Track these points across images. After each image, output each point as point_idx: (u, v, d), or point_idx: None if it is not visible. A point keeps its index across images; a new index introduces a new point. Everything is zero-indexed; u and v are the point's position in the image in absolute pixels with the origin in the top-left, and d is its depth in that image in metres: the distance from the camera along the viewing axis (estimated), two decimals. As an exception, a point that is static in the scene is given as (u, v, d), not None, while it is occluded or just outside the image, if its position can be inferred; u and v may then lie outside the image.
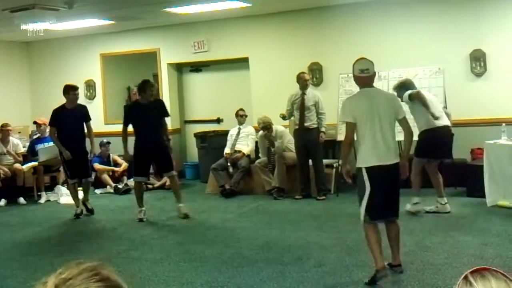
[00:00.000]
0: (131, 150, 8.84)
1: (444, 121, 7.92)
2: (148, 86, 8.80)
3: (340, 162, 6.11)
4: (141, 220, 8.59)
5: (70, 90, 9.04)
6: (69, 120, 8.90)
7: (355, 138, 5.73)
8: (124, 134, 8.81)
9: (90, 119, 9.22)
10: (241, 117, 10.91)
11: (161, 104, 9.10)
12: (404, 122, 5.68)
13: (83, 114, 9.14)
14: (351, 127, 5.55)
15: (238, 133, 10.81)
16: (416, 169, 7.98)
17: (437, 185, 8.05)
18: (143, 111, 8.62)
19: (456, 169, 9.06)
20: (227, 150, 10.69)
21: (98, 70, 12.87)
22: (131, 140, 8.77)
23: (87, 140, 9.25)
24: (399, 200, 5.65)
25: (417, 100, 7.72)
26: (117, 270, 1.34)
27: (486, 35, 9.83)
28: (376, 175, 5.41)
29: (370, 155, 5.46)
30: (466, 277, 1.56)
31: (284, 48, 11.26)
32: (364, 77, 5.65)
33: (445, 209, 7.95)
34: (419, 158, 8.01)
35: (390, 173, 5.47)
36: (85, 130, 9.16)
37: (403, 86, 8.00)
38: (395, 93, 7.67)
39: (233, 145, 10.73)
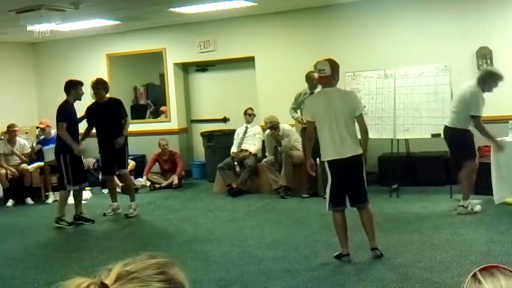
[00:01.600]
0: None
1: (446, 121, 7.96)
2: (96, 86, 9.09)
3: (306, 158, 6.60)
4: (104, 214, 8.99)
5: (78, 86, 8.94)
6: (102, 115, 8.94)
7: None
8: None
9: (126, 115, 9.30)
10: (249, 116, 10.90)
11: (118, 104, 9.20)
12: (359, 120, 6.17)
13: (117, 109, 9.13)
14: (310, 125, 6.22)
15: (245, 132, 10.80)
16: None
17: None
18: (100, 111, 8.90)
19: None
20: (233, 149, 10.69)
21: (104, 70, 12.86)
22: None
23: None
24: (364, 188, 6.12)
25: None
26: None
27: (493, 33, 9.79)
28: (335, 167, 6.03)
29: (328, 149, 6.05)
30: (475, 275, 1.54)
31: (290, 47, 11.25)
32: (321, 76, 6.23)
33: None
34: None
35: (349, 164, 6.00)
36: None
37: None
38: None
39: (240, 144, 10.72)
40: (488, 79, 7.61)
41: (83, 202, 9.17)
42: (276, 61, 11.36)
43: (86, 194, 10.65)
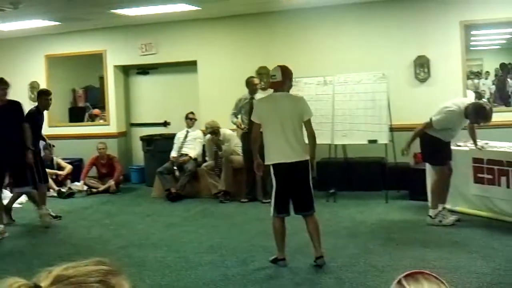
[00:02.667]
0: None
1: None
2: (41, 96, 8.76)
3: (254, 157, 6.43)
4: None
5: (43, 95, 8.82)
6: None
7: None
8: None
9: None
10: (190, 120, 10.84)
11: (17, 106, 8.29)
12: (307, 125, 6.14)
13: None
14: (256, 126, 6.24)
15: (186, 137, 10.73)
16: None
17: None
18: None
19: (399, 173, 9.20)
20: (173, 153, 10.61)
21: (42, 71, 12.62)
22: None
23: None
24: (310, 196, 6.04)
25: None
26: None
27: (430, 42, 10.03)
28: (280, 172, 5.98)
29: (273, 153, 6.01)
30: (400, 282, 1.56)
31: (233, 52, 11.26)
32: (272, 82, 6.31)
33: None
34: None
35: (294, 170, 5.94)
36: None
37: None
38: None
39: (180, 148, 10.65)
40: (473, 112, 7.48)
41: (17, 205, 8.96)
42: (218, 66, 11.36)
43: (22, 198, 10.43)
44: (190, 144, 10.67)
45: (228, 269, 6.05)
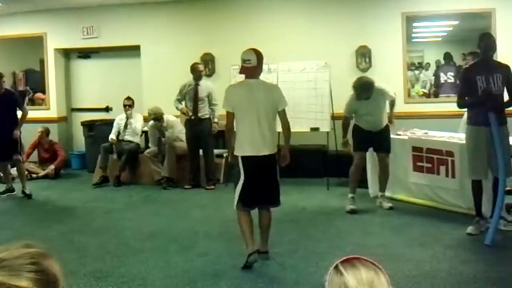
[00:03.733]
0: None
1: None
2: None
3: (228, 151, 6.16)
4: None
5: None
6: None
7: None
8: None
9: (23, 103, 9.48)
10: (127, 107, 10.52)
11: (12, 96, 9.23)
12: (281, 114, 5.79)
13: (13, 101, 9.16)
14: (230, 116, 5.74)
15: (126, 125, 10.53)
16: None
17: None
18: None
19: (340, 160, 9.30)
20: (112, 136, 10.42)
21: (-19, 53, 12.29)
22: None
23: None
24: (278, 189, 5.78)
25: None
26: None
27: (372, 32, 10.18)
28: (250, 165, 5.61)
29: (245, 144, 5.64)
30: (336, 267, 1.58)
31: (177, 38, 11.17)
32: (246, 67, 5.75)
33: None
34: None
35: (264, 163, 5.63)
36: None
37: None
38: (367, 91, 7.64)
39: (120, 134, 10.47)
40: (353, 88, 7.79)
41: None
42: (162, 51, 11.25)
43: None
44: (131, 132, 10.52)
45: (170, 255, 6.04)
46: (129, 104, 10.54)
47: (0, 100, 8.93)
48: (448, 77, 11.77)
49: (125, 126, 10.50)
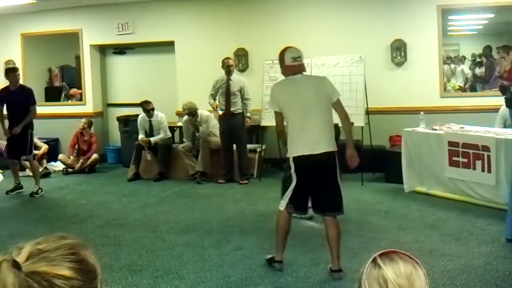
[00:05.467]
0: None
1: None
2: (9, 72, 9.16)
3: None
4: (7, 192, 9.25)
5: (9, 72, 9.14)
6: (11, 101, 9.05)
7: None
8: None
9: (34, 102, 9.22)
10: (148, 112, 10.59)
11: (27, 92, 9.20)
12: (337, 106, 5.31)
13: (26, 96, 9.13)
14: (278, 116, 5.32)
15: (150, 125, 10.65)
16: None
17: None
18: (10, 97, 9.02)
19: (374, 155, 9.27)
20: (141, 136, 10.53)
21: (18, 50, 12.47)
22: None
23: None
24: (338, 193, 5.22)
25: None
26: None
27: (407, 26, 10.08)
28: (303, 165, 5.13)
29: (297, 144, 5.17)
30: (374, 260, 1.56)
31: (211, 33, 11.22)
32: (297, 65, 5.38)
33: None
34: None
35: (321, 163, 5.12)
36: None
37: None
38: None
39: (147, 135, 10.60)
40: None
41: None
42: (196, 46, 11.31)
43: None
44: (156, 131, 10.61)
45: (204, 249, 6.07)
46: (152, 108, 10.59)
47: (15, 95, 9.01)
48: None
49: (150, 125, 10.58)
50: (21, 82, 12.16)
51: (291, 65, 5.37)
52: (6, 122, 9.14)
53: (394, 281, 1.50)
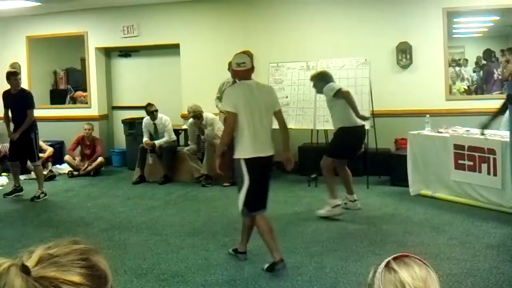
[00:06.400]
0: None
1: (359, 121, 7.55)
2: (10, 76, 9.11)
3: (217, 152, 5.91)
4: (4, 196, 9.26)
5: (10, 76, 9.12)
6: (12, 104, 9.08)
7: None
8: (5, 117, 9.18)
9: (32, 106, 9.12)
10: (152, 113, 10.62)
11: (26, 96, 9.14)
12: (279, 115, 5.74)
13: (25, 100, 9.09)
14: (232, 117, 5.50)
15: (155, 128, 10.68)
16: (329, 167, 7.58)
17: (347, 181, 7.78)
18: (11, 100, 9.06)
19: (380, 158, 9.26)
20: (146, 139, 10.57)
21: (24, 52, 12.50)
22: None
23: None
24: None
25: (345, 99, 7.33)
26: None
27: (413, 28, 10.07)
28: (254, 167, 5.47)
29: (249, 146, 5.46)
30: (388, 264, 1.56)
31: (216, 36, 11.22)
32: (242, 70, 5.71)
33: (356, 206, 7.75)
34: (332, 157, 7.58)
35: (267, 165, 5.60)
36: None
37: (322, 78, 7.68)
38: (313, 83, 7.77)
39: (152, 138, 10.63)
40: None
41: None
42: (201, 49, 11.32)
43: (2, 180, 10.41)
44: (161, 134, 10.63)
45: (210, 252, 6.07)
46: (156, 110, 10.61)
47: (16, 99, 9.00)
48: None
49: (155, 128, 10.59)
50: (26, 85, 12.27)
51: (237, 70, 5.78)
52: (12, 125, 9.13)
53: (412, 285, 1.50)
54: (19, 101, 8.98)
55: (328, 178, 7.55)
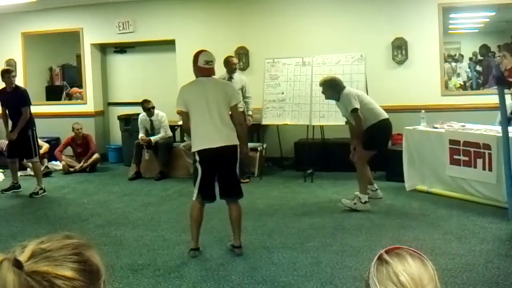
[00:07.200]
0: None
1: (385, 114, 7.68)
2: (4, 74, 9.10)
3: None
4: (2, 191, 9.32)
5: (4, 74, 9.10)
6: (7, 103, 9.10)
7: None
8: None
9: (26, 103, 9.05)
10: (149, 110, 10.63)
11: (20, 93, 9.09)
12: (234, 110, 5.92)
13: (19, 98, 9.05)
14: (184, 115, 5.85)
15: (152, 125, 10.68)
16: (362, 161, 7.66)
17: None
18: (6, 98, 9.05)
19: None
20: (141, 135, 10.57)
21: (19, 49, 12.48)
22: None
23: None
24: (237, 181, 5.96)
25: (354, 122, 7.54)
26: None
27: (408, 24, 10.08)
28: (206, 158, 5.69)
29: (199, 139, 5.72)
30: (381, 257, 1.54)
31: (211, 32, 11.20)
32: (209, 68, 5.91)
33: (378, 195, 7.94)
34: (371, 150, 7.64)
35: (220, 155, 5.69)
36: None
37: (332, 86, 7.67)
38: (321, 90, 7.75)
39: (148, 134, 10.63)
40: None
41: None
42: (197, 45, 11.12)
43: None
44: (157, 130, 10.63)
45: (206, 248, 6.07)
46: (153, 106, 10.62)
47: (11, 97, 8.99)
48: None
49: (151, 124, 10.59)
50: (21, 81, 12.24)
51: (203, 67, 5.91)
52: (10, 123, 9.11)
53: (405, 275, 1.49)
54: (14, 99, 8.96)
55: (363, 172, 7.67)
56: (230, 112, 5.94)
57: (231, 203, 5.89)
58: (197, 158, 5.74)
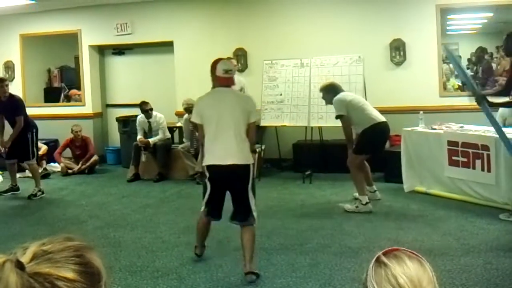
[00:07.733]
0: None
1: (382, 117, 7.69)
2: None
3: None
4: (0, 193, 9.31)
5: None
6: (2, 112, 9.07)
7: None
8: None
9: (21, 113, 8.99)
10: (147, 112, 10.64)
11: (15, 102, 9.05)
12: (251, 127, 5.46)
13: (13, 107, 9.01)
14: (200, 128, 5.47)
15: (150, 126, 10.68)
16: (356, 165, 7.66)
17: (366, 173, 7.94)
18: (1, 107, 8.99)
19: (374, 155, 9.24)
20: (140, 136, 10.57)
21: (17, 51, 12.47)
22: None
23: None
24: (247, 204, 5.36)
25: (343, 126, 7.67)
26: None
27: (406, 25, 10.08)
28: (215, 175, 5.32)
29: (210, 154, 5.34)
30: (378, 259, 1.53)
31: (210, 33, 11.21)
32: (228, 78, 5.49)
33: (376, 196, 7.95)
34: (362, 155, 7.65)
35: (230, 174, 5.27)
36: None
37: (331, 90, 7.80)
38: (322, 95, 7.81)
39: (146, 135, 10.64)
40: None
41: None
42: (195, 46, 11.30)
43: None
44: (155, 132, 10.64)
45: (204, 249, 6.06)
46: (151, 108, 10.61)
47: (6, 105, 8.94)
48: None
49: (149, 126, 10.59)
50: (19, 83, 12.24)
51: (222, 77, 5.45)
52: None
53: (404, 277, 1.48)
54: (9, 108, 8.93)
55: (356, 175, 7.64)
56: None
57: (243, 226, 5.38)
58: (207, 174, 5.38)
